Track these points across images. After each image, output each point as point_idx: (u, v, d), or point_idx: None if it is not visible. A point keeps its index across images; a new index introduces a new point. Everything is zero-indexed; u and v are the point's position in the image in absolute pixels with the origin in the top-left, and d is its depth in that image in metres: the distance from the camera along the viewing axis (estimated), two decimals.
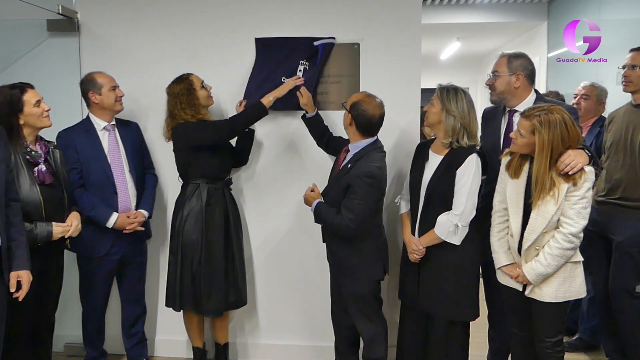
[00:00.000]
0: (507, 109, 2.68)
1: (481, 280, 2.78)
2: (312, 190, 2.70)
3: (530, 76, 2.63)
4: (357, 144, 2.63)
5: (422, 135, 3.29)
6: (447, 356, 2.66)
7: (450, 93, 2.51)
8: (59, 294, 2.69)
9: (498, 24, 6.08)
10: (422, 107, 3.03)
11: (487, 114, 2.86)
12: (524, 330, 2.49)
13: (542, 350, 2.40)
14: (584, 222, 2.24)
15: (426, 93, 2.99)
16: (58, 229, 2.44)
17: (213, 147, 2.86)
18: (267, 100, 2.85)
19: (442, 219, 2.50)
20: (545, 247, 2.28)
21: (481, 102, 8.63)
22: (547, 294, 2.31)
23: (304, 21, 3.10)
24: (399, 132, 3.09)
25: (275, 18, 3.11)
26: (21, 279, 2.16)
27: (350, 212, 2.51)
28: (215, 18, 3.15)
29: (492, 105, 2.88)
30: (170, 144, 2.93)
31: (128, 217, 2.89)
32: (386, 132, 2.81)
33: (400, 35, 3.06)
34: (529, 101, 2.60)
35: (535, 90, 2.68)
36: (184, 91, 2.82)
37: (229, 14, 3.14)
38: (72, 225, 2.51)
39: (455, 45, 7.29)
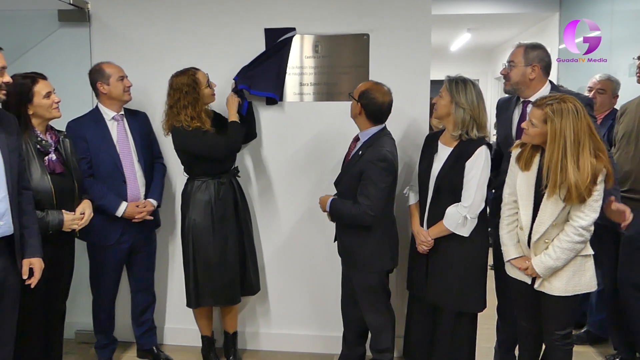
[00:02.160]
0: (521, 100, 2.66)
1: (492, 272, 2.78)
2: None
3: (546, 68, 2.60)
4: (367, 132, 2.64)
5: (430, 127, 3.28)
6: (455, 347, 2.67)
7: (459, 85, 2.50)
8: (69, 282, 2.72)
9: (509, 15, 6.02)
10: (431, 98, 3.03)
11: (500, 105, 2.84)
12: (532, 323, 2.49)
13: (551, 343, 2.40)
14: (595, 216, 2.22)
15: (436, 85, 2.97)
16: (69, 217, 2.47)
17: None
18: (234, 117, 2.89)
19: (451, 210, 2.50)
20: (555, 241, 2.27)
21: (491, 94, 8.59)
22: (557, 287, 2.30)
23: (314, 13, 3.10)
24: (408, 123, 3.08)
25: (285, 10, 3.11)
26: (33, 266, 2.18)
27: (366, 199, 2.52)
28: (225, 9, 3.15)
29: (505, 96, 2.85)
30: None
31: (137, 206, 2.91)
32: (395, 123, 2.81)
33: (410, 26, 3.04)
34: (543, 92, 2.58)
35: (550, 82, 2.65)
36: (188, 88, 2.79)
37: (238, 5, 3.14)
38: (85, 214, 2.54)
39: (466, 37, 7.24)
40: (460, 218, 2.48)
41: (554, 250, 2.25)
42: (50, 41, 3.26)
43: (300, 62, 3.15)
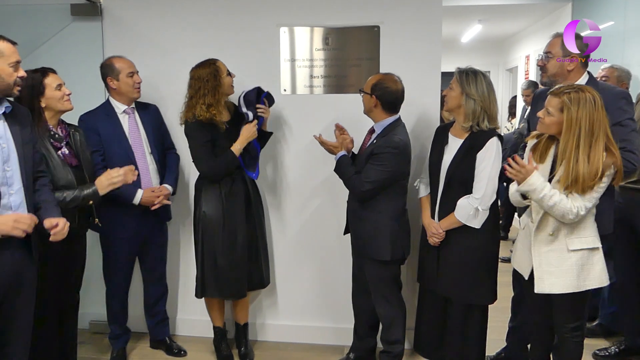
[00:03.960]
0: None
1: (502, 264, 2.77)
2: (341, 132, 2.82)
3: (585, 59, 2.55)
4: (382, 123, 2.68)
5: (441, 119, 3.27)
6: (465, 340, 2.67)
7: (470, 76, 2.49)
8: (82, 272, 2.76)
9: (521, 6, 5.95)
10: (441, 90, 3.02)
11: (537, 96, 2.78)
12: (543, 316, 2.47)
13: (561, 336, 2.39)
14: (589, 205, 2.18)
15: (446, 76, 2.96)
16: (104, 182, 2.49)
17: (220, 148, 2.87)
18: (236, 148, 2.86)
19: (463, 202, 2.50)
20: (556, 193, 2.19)
21: (502, 86, 8.53)
22: (563, 284, 2.25)
23: (325, 4, 3.09)
24: (418, 115, 3.08)
25: (298, 3, 3.11)
26: (58, 222, 2.12)
27: (366, 176, 2.59)
28: (237, 4, 3.16)
29: (543, 87, 2.81)
30: None
31: (153, 191, 2.94)
32: (406, 115, 2.81)
33: (420, 17, 3.03)
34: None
35: (589, 72, 2.59)
36: (209, 76, 2.80)
37: None
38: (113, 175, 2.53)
39: (477, 28, 7.17)
40: (471, 210, 2.48)
41: (551, 195, 2.17)
42: (63, 35, 3.30)
43: (311, 54, 3.15)
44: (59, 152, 2.49)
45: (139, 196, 2.90)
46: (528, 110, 5.44)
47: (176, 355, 3.23)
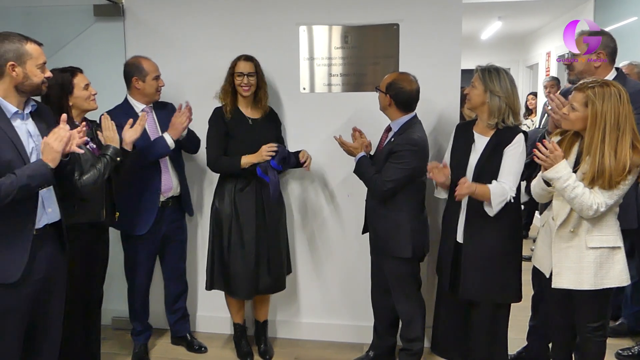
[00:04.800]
0: None
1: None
2: (360, 135, 2.83)
3: (612, 54, 2.53)
4: (398, 121, 2.68)
5: (462, 116, 3.25)
6: (491, 339, 2.64)
7: (492, 73, 2.47)
8: (105, 268, 2.81)
9: (541, 2, 5.89)
10: (462, 87, 3.00)
11: (564, 93, 2.76)
12: (563, 316, 2.44)
13: (583, 335, 2.36)
14: (610, 202, 2.15)
15: (466, 74, 2.95)
16: (113, 137, 2.52)
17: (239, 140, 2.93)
18: (244, 161, 2.88)
19: (499, 189, 2.41)
20: (580, 185, 2.15)
21: (523, 82, 8.44)
22: (579, 280, 2.22)
23: (344, 3, 3.10)
24: (438, 113, 3.07)
25: (317, 1, 3.12)
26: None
27: (387, 175, 2.60)
28: (257, 3, 3.17)
29: (570, 85, 2.79)
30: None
31: (175, 117, 2.92)
32: (426, 113, 2.80)
33: (440, 15, 3.02)
34: None
35: (617, 69, 2.56)
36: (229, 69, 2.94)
37: None
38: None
39: (497, 25, 7.11)
40: (506, 198, 2.40)
41: (574, 187, 2.14)
42: (85, 36, 3.35)
43: (329, 53, 3.16)
44: (87, 146, 2.54)
45: (169, 140, 2.89)
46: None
47: (197, 351, 3.27)
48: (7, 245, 2.01)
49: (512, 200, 2.43)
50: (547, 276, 2.35)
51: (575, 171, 2.20)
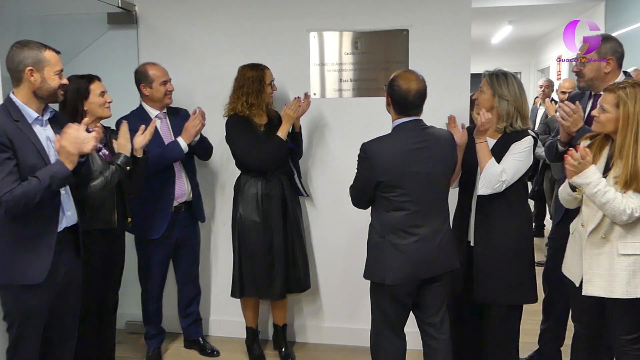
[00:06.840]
0: (593, 93, 2.60)
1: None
2: None
3: (620, 59, 2.53)
4: (393, 124, 2.43)
5: (471, 120, 3.25)
6: (505, 341, 2.62)
7: (500, 78, 2.49)
8: (121, 273, 2.84)
9: (552, 6, 5.87)
10: (471, 94, 3.01)
11: (572, 97, 2.76)
12: (587, 327, 2.37)
13: (619, 349, 2.23)
14: None
15: (476, 78, 2.95)
16: (124, 144, 2.53)
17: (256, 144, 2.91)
18: (282, 133, 2.91)
19: (495, 168, 2.41)
20: (611, 190, 2.08)
21: (533, 87, 8.40)
22: (611, 288, 2.13)
23: (354, 9, 3.12)
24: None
25: (325, 6, 3.15)
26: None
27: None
28: (269, 8, 3.21)
29: (577, 90, 2.78)
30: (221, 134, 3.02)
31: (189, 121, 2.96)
32: (436, 117, 2.79)
33: (449, 20, 3.03)
34: None
35: (624, 72, 2.57)
36: (255, 78, 2.90)
37: (282, 4, 3.19)
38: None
39: (507, 29, 7.11)
40: (500, 179, 2.39)
41: (605, 192, 2.06)
42: (100, 43, 3.40)
43: (340, 58, 3.19)
44: (100, 152, 2.58)
45: (182, 143, 2.93)
46: (541, 111, 5.35)
47: (209, 355, 3.29)
48: (33, 248, 2.06)
49: (501, 187, 2.40)
50: (577, 285, 2.25)
51: (605, 176, 2.14)
